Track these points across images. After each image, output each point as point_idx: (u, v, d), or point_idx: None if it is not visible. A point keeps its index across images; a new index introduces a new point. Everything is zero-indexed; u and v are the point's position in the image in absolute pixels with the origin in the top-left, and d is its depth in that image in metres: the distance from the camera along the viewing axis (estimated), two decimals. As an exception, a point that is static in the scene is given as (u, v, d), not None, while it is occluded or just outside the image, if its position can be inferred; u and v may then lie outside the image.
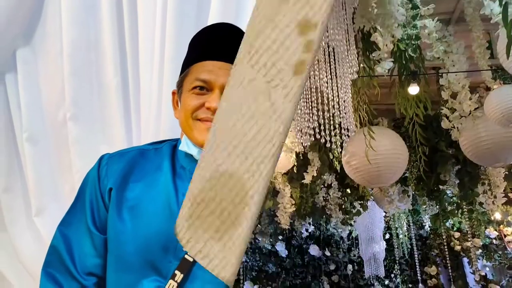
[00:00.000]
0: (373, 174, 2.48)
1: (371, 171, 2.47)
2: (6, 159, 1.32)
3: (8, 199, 1.30)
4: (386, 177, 2.50)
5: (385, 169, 2.43)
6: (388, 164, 2.42)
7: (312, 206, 3.69)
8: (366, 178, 2.57)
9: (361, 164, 2.50)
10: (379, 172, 2.45)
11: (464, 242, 5.01)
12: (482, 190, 3.23)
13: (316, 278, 5.34)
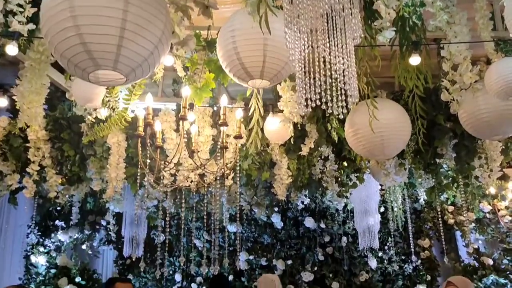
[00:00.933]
0: (377, 146, 2.48)
1: (375, 143, 2.47)
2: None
3: None
4: (390, 149, 2.50)
5: (389, 140, 2.43)
6: (392, 136, 2.42)
7: (308, 178, 3.69)
8: (370, 150, 2.57)
9: (365, 136, 2.50)
10: (383, 144, 2.44)
11: (458, 216, 5.08)
12: (478, 164, 3.25)
13: (310, 249, 5.41)
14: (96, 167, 3.47)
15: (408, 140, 2.61)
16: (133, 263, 5.46)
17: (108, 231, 5.38)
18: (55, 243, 5.23)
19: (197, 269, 5.42)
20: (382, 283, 5.18)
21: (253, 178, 3.80)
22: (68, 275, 4.85)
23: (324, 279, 5.24)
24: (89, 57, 1.19)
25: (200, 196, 4.30)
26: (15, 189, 3.47)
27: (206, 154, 3.34)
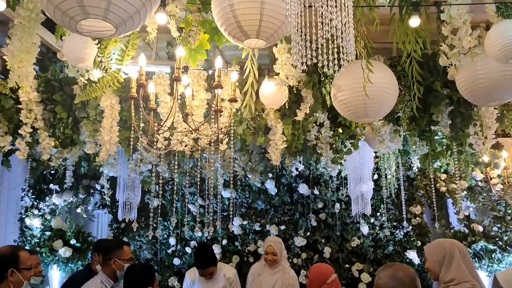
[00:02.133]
0: (360, 108, 2.46)
1: (357, 105, 2.45)
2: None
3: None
4: (373, 111, 2.48)
5: (371, 103, 2.40)
6: (375, 98, 2.38)
7: (303, 144, 3.69)
8: (353, 112, 2.55)
9: (348, 98, 2.48)
10: (365, 106, 2.42)
11: (450, 184, 5.12)
12: (473, 132, 3.25)
13: (304, 215, 5.47)
14: (89, 130, 3.44)
15: (394, 103, 2.58)
16: (127, 227, 5.52)
17: (102, 195, 5.40)
18: (49, 206, 5.25)
19: (191, 233, 5.49)
20: (373, 248, 5.27)
21: (248, 143, 3.79)
22: (63, 238, 4.89)
23: (316, 244, 5.32)
24: (78, 4, 1.13)
25: (194, 161, 4.29)
26: (7, 151, 3.44)
27: (201, 118, 3.32)
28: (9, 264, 2.47)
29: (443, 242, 2.93)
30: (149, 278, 2.82)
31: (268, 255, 4.06)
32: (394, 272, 2.13)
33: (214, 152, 3.84)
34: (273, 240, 4.24)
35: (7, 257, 2.51)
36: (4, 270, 2.46)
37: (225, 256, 5.37)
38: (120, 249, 3.35)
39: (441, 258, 2.72)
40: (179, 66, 2.21)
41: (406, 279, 2.10)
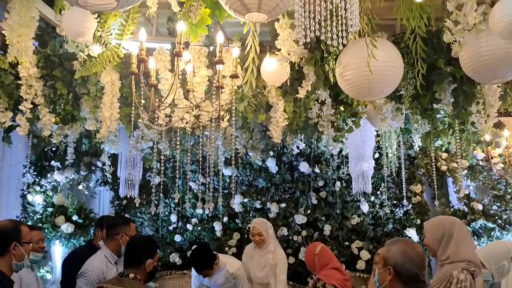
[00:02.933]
0: (364, 87, 2.43)
1: (362, 84, 2.42)
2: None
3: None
4: (377, 90, 2.46)
5: (376, 82, 2.38)
6: (379, 76, 2.36)
7: (304, 122, 3.68)
8: (357, 91, 2.53)
9: (352, 76, 2.45)
10: (369, 85, 2.40)
11: (451, 162, 5.12)
12: (475, 110, 3.23)
13: (304, 193, 5.49)
14: (90, 106, 3.43)
15: (399, 81, 2.55)
16: (129, 204, 5.55)
17: (104, 172, 5.42)
18: (51, 183, 5.27)
19: (192, 211, 5.53)
20: (373, 226, 5.30)
21: (249, 121, 3.78)
22: (65, 214, 4.92)
23: (316, 222, 5.36)
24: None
25: (196, 138, 4.29)
26: (8, 127, 3.44)
27: (202, 95, 3.30)
28: (12, 237, 2.50)
29: (444, 219, 2.95)
30: (150, 250, 2.86)
31: (255, 236, 4.14)
32: (405, 248, 2.11)
33: (215, 129, 3.83)
34: (257, 221, 4.32)
35: (10, 230, 2.54)
36: (6, 243, 2.49)
37: (226, 233, 5.42)
38: (127, 225, 3.43)
39: (439, 236, 2.75)
40: (180, 41, 2.19)
41: (416, 258, 2.07)
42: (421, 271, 2.06)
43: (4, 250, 2.48)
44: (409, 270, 2.04)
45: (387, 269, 2.09)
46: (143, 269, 2.81)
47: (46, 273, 5.09)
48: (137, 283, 2.69)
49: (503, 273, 2.61)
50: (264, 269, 4.10)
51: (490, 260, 2.66)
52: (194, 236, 5.52)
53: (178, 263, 5.38)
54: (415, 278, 2.05)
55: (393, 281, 2.07)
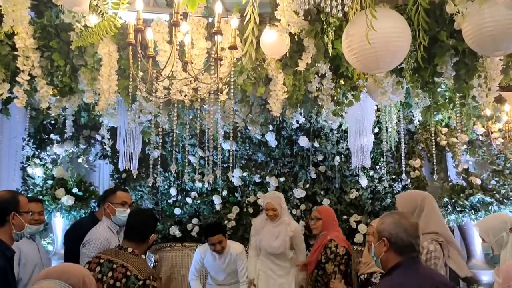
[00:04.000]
0: (371, 59, 2.38)
1: (368, 55, 2.37)
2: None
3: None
4: (384, 62, 2.41)
5: (383, 52, 2.33)
6: (386, 47, 2.31)
7: (304, 95, 3.65)
8: (364, 63, 2.48)
9: (358, 49, 2.40)
10: (376, 56, 2.35)
11: (451, 137, 5.11)
12: (477, 84, 3.20)
13: (303, 167, 5.50)
14: (88, 78, 3.39)
15: (406, 52, 2.51)
16: (128, 177, 5.58)
17: (103, 145, 5.42)
18: (51, 156, 5.28)
19: (192, 184, 5.56)
20: (371, 200, 5.33)
21: (248, 94, 3.76)
22: (65, 187, 4.94)
23: (315, 196, 5.39)
24: None
25: (195, 112, 4.27)
26: (6, 99, 3.42)
27: (200, 68, 3.26)
28: (10, 207, 2.52)
29: (415, 194, 3.04)
30: (154, 226, 2.89)
31: (269, 211, 4.16)
32: (398, 219, 2.15)
33: (214, 102, 3.81)
34: (271, 196, 4.34)
35: (8, 200, 2.55)
36: (5, 213, 2.50)
37: (225, 206, 5.46)
38: (113, 193, 3.47)
39: (411, 209, 2.81)
40: (178, 11, 2.15)
41: (409, 227, 2.11)
42: (415, 240, 2.10)
43: (3, 220, 2.51)
44: (403, 239, 2.08)
45: (381, 241, 2.14)
46: (145, 244, 2.83)
47: (48, 244, 5.16)
48: (133, 257, 2.71)
49: (502, 245, 2.65)
50: (278, 239, 4.14)
51: (489, 233, 2.71)
52: (194, 209, 5.56)
53: (178, 235, 5.44)
54: (409, 248, 2.09)
55: (388, 252, 2.11)
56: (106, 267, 2.63)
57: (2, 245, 2.47)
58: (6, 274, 2.37)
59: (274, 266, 4.22)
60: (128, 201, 3.55)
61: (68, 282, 1.49)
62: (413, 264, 2.09)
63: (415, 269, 2.08)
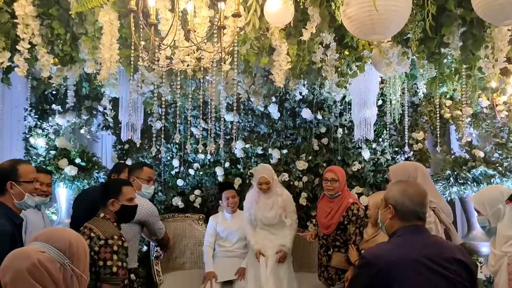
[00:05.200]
0: (366, 25, 2.35)
1: (364, 20, 2.34)
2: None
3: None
4: (381, 27, 2.37)
5: (378, 18, 2.29)
6: (382, 13, 2.26)
7: (308, 66, 3.61)
8: (360, 29, 2.45)
9: (354, 14, 2.38)
10: (372, 22, 2.32)
11: (455, 110, 5.08)
12: (483, 55, 3.15)
13: (306, 140, 5.49)
14: (89, 47, 3.35)
15: (406, 19, 2.46)
16: (131, 148, 5.58)
17: (105, 116, 5.40)
18: (53, 126, 5.28)
19: (194, 156, 5.57)
20: (373, 172, 5.34)
21: (251, 64, 3.71)
22: (67, 157, 4.95)
23: (317, 168, 5.39)
24: None
25: (197, 83, 4.23)
26: (7, 68, 3.39)
27: (203, 36, 3.21)
28: (8, 177, 2.53)
29: (408, 165, 3.11)
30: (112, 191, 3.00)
31: (262, 185, 4.25)
32: (405, 187, 2.17)
33: (216, 73, 3.77)
34: (263, 169, 4.43)
35: (6, 169, 2.56)
36: (3, 182, 2.52)
37: (228, 178, 5.48)
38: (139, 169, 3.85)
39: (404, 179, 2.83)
40: (180, -24, 2.09)
41: (415, 196, 2.13)
42: (420, 208, 2.11)
43: (2, 189, 2.53)
44: (408, 207, 2.10)
45: (387, 208, 2.16)
46: (109, 209, 2.91)
47: (52, 214, 5.20)
48: (102, 220, 2.84)
49: (499, 217, 2.64)
50: (273, 209, 4.25)
51: (485, 205, 2.70)
52: (196, 180, 5.59)
53: (180, 206, 5.48)
54: (414, 215, 2.10)
55: (393, 219, 2.14)
56: (81, 232, 2.76)
57: (10, 212, 2.51)
58: (15, 239, 2.41)
59: (271, 236, 4.34)
60: (153, 177, 3.77)
61: (54, 245, 1.51)
62: (417, 231, 2.11)
63: (419, 235, 2.10)
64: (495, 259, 2.60)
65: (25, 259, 1.44)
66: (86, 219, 3.55)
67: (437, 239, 2.25)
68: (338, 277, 3.91)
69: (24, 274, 1.41)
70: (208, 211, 5.40)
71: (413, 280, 1.94)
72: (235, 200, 4.58)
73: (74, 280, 1.51)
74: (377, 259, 2.01)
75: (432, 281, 1.95)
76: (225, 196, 4.59)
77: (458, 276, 1.98)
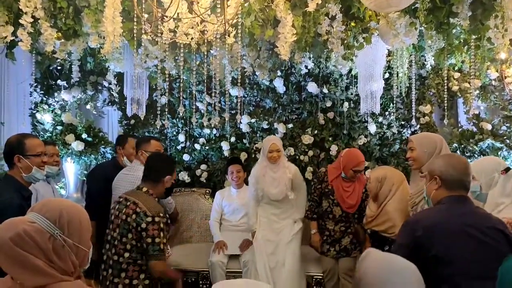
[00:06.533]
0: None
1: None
2: None
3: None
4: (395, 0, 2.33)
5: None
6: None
7: (313, 37, 3.55)
8: (375, 3, 2.42)
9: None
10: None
11: (463, 83, 5.01)
12: (493, 24, 3.08)
13: (312, 114, 5.45)
14: (92, 20, 3.32)
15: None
16: (137, 123, 5.59)
17: (110, 91, 5.40)
18: (59, 102, 5.29)
19: (200, 131, 5.57)
20: (379, 146, 5.32)
21: (256, 37, 3.66)
22: (74, 132, 4.98)
23: (323, 142, 5.38)
24: None
25: (202, 57, 4.20)
26: (10, 42, 3.37)
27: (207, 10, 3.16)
28: (15, 150, 2.56)
29: (433, 136, 3.12)
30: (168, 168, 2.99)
31: (273, 153, 4.20)
32: (447, 159, 2.28)
33: (221, 46, 3.72)
34: (273, 138, 4.43)
35: (13, 144, 2.59)
36: (11, 156, 2.55)
37: (233, 153, 5.49)
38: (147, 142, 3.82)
39: (432, 150, 2.88)
40: None
41: (459, 165, 2.22)
42: (465, 177, 2.21)
43: (10, 163, 2.56)
44: (453, 176, 2.19)
45: (433, 179, 2.26)
46: (160, 185, 2.91)
47: (60, 189, 5.26)
48: (146, 196, 2.80)
49: (491, 184, 2.73)
50: (280, 185, 4.22)
51: (481, 173, 2.80)
52: (202, 155, 5.60)
53: (187, 181, 5.52)
54: (460, 184, 2.20)
55: (439, 189, 2.23)
56: (122, 204, 2.77)
57: (18, 185, 2.55)
58: (23, 211, 2.44)
59: (276, 211, 4.32)
60: (161, 150, 3.81)
61: (45, 216, 1.52)
62: (461, 200, 2.19)
63: (462, 204, 2.18)
64: None
65: (10, 230, 1.46)
66: (101, 196, 3.74)
67: (480, 209, 2.35)
68: (354, 246, 4.08)
69: (8, 243, 1.43)
70: (214, 186, 5.44)
71: (453, 245, 2.03)
72: (240, 175, 4.58)
73: (66, 250, 1.52)
74: (419, 224, 2.12)
75: (471, 246, 2.04)
76: (230, 171, 4.60)
77: (498, 244, 2.06)
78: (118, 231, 2.74)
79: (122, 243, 2.72)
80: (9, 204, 2.39)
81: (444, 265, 2.02)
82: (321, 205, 4.18)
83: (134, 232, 2.67)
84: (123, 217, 2.73)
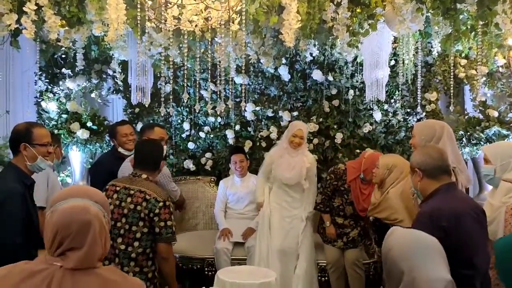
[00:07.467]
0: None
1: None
2: None
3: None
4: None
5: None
6: None
7: (319, 24, 3.52)
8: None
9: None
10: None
11: (470, 69, 4.96)
12: (501, 10, 3.04)
13: (317, 102, 5.42)
14: (95, 8, 3.31)
15: None
16: (142, 112, 5.60)
17: (115, 80, 5.40)
18: (64, 90, 5.29)
19: (205, 119, 5.57)
20: (384, 134, 5.30)
21: (261, 24, 3.64)
22: (79, 121, 4.99)
23: (328, 130, 5.36)
24: None
25: (206, 45, 4.17)
26: (15, 31, 3.37)
27: (211, -4, 3.13)
28: (22, 138, 2.56)
29: (434, 123, 3.14)
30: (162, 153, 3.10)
31: (296, 138, 4.18)
32: (423, 150, 2.43)
33: (225, 34, 3.70)
34: (301, 124, 4.44)
35: (20, 132, 2.59)
36: (17, 144, 2.55)
37: (238, 141, 5.49)
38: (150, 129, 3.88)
39: (429, 137, 2.91)
40: None
41: (434, 153, 2.34)
42: (442, 162, 2.31)
43: (16, 151, 2.56)
44: (430, 164, 2.29)
45: (415, 172, 2.36)
46: (157, 171, 2.95)
47: (66, 177, 5.30)
48: (148, 183, 2.83)
49: (506, 170, 2.73)
50: (294, 170, 4.20)
51: (497, 156, 2.81)
52: (207, 143, 5.61)
53: (192, 169, 5.53)
54: (439, 170, 2.30)
55: (422, 180, 2.33)
56: (123, 193, 2.79)
57: (21, 173, 2.55)
58: (25, 199, 2.47)
59: (288, 198, 4.31)
60: (165, 137, 3.81)
61: (95, 200, 1.49)
62: (450, 189, 2.30)
63: (452, 193, 2.29)
64: (492, 209, 2.70)
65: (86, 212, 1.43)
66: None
67: (467, 194, 2.41)
68: (361, 238, 4.14)
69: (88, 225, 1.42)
70: (219, 174, 5.45)
71: (466, 230, 2.15)
72: (243, 165, 4.60)
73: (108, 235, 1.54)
74: (436, 212, 2.20)
75: (477, 230, 2.19)
76: (233, 160, 4.64)
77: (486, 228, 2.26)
78: (125, 221, 2.75)
79: (132, 232, 2.74)
80: (13, 193, 2.41)
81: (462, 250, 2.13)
82: (333, 201, 4.16)
83: (147, 219, 2.71)
84: (131, 207, 2.74)
